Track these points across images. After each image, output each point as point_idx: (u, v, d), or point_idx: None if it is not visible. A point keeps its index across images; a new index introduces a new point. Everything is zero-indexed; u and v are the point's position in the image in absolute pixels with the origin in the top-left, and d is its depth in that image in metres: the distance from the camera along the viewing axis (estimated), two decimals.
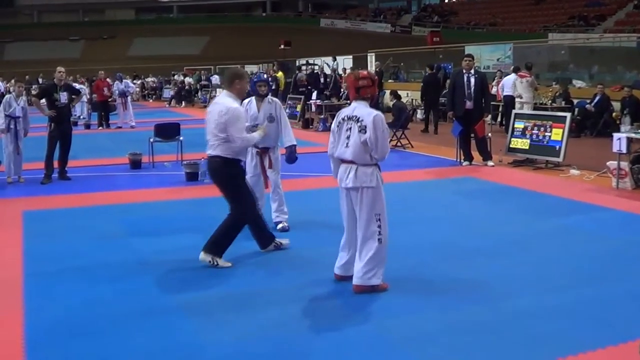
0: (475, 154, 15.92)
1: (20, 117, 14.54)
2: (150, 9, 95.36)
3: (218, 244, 8.31)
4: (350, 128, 7.19)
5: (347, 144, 7.20)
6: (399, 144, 19.33)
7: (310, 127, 26.38)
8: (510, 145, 16.29)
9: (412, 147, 19.28)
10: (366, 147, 7.09)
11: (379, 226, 7.16)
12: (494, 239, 9.42)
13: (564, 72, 30.42)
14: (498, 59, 31.51)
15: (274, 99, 10.31)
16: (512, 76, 22.74)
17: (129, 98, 29.29)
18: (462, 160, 16.08)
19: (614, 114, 21.02)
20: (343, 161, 7.30)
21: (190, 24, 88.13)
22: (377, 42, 54.02)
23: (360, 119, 7.14)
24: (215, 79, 44.61)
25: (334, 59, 39.03)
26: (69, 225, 10.71)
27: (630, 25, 44.76)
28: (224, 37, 77.55)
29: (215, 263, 8.21)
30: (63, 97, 14.70)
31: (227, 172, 8.37)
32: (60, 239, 9.86)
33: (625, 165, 12.84)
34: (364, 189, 7.16)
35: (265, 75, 11.03)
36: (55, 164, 14.78)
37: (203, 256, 8.25)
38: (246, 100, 9.73)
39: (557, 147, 15.13)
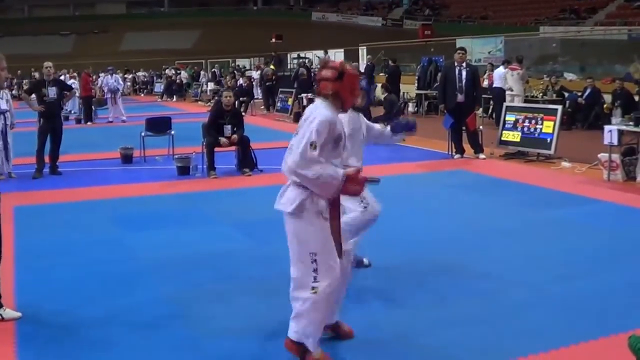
0: (466, 146, 15.93)
1: (7, 110, 14.44)
2: (142, 3, 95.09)
3: None
4: (297, 132, 5.27)
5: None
6: None
7: None
8: (502, 138, 16.30)
9: (404, 140, 19.23)
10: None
11: (315, 270, 5.21)
12: (486, 231, 9.42)
13: (555, 65, 30.44)
14: (489, 52, 31.50)
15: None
16: (502, 68, 22.77)
17: (118, 93, 29.13)
18: (453, 153, 16.08)
19: (605, 107, 21.05)
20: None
21: (181, 18, 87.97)
22: (369, 35, 54.06)
23: (306, 119, 5.24)
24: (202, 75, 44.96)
25: (326, 53, 38.98)
26: (60, 220, 10.69)
27: (621, 18, 44.87)
28: (216, 31, 77.39)
29: None
30: (52, 92, 14.64)
31: None
32: (51, 234, 9.83)
33: (616, 157, 12.86)
34: (287, 216, 5.37)
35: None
36: (46, 159, 14.73)
37: None
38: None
39: (549, 139, 15.15)
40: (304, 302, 5.24)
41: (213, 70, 49.28)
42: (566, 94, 23.32)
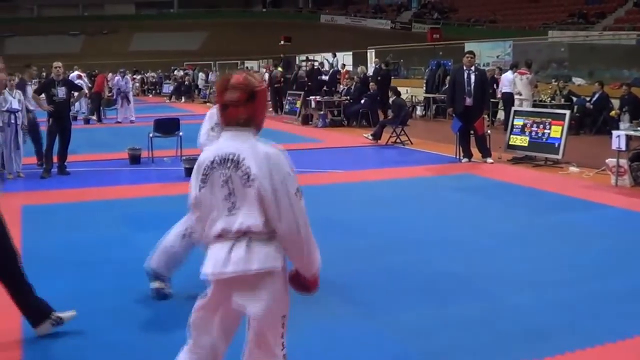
0: (474, 150, 15.92)
1: (19, 109, 14.49)
2: (150, 4, 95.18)
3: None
4: (228, 179, 4.01)
5: (232, 207, 4.01)
6: (398, 140, 19.34)
7: (310, 123, 26.34)
8: (510, 143, 16.29)
9: (412, 143, 19.28)
10: (265, 209, 3.98)
11: (283, 335, 4.12)
12: (493, 235, 9.42)
13: (564, 70, 30.40)
14: (498, 56, 31.47)
15: None
16: (510, 73, 22.76)
17: (130, 94, 29.35)
18: (461, 157, 16.07)
19: (612, 112, 21.00)
20: (221, 236, 4.05)
21: (190, 19, 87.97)
22: (377, 38, 53.92)
23: (239, 158, 4.00)
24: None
25: (334, 55, 39.03)
26: (68, 220, 10.71)
27: (630, 23, 44.74)
28: (224, 33, 77.48)
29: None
30: (61, 92, 14.67)
31: None
32: (59, 233, 9.85)
33: (624, 162, 12.85)
34: (264, 277, 4.00)
35: None
36: (55, 159, 14.76)
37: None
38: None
39: (557, 144, 15.13)
40: None
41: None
42: (574, 99, 23.28)
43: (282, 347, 4.10)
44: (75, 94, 15.82)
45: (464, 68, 15.88)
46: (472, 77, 15.66)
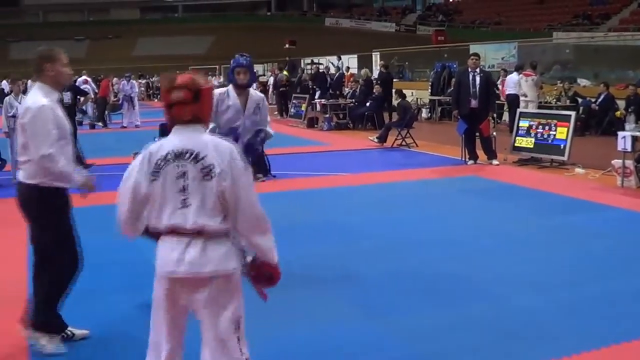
0: (480, 152, 15.92)
1: None
2: (155, 9, 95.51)
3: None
4: (184, 173, 4.06)
5: (185, 201, 4.07)
6: (403, 143, 19.35)
7: (315, 126, 26.37)
8: (515, 144, 16.29)
9: (417, 146, 19.28)
10: (223, 204, 4.06)
11: (241, 338, 4.19)
12: (499, 237, 9.42)
13: (569, 71, 30.38)
14: (503, 58, 31.46)
15: (257, 92, 8.49)
16: (516, 75, 22.76)
17: (135, 99, 29.45)
18: (467, 159, 16.06)
19: (618, 112, 20.98)
20: (174, 232, 4.14)
21: (195, 23, 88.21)
22: (382, 41, 53.95)
23: (198, 155, 4.06)
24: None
25: (339, 58, 39.06)
26: (74, 224, 10.70)
27: (634, 24, 44.66)
28: (229, 37, 77.57)
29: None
30: (66, 97, 14.70)
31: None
32: None
33: (630, 163, 12.83)
34: (218, 279, 4.08)
35: (244, 60, 7.90)
36: None
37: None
38: (220, 90, 7.85)
39: (562, 145, 15.13)
40: None
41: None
42: (580, 100, 23.28)
43: (242, 349, 4.15)
44: (81, 99, 15.85)
45: (469, 70, 15.88)
46: (477, 79, 15.66)
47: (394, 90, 25.30)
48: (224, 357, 4.09)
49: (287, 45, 49.16)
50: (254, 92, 8.22)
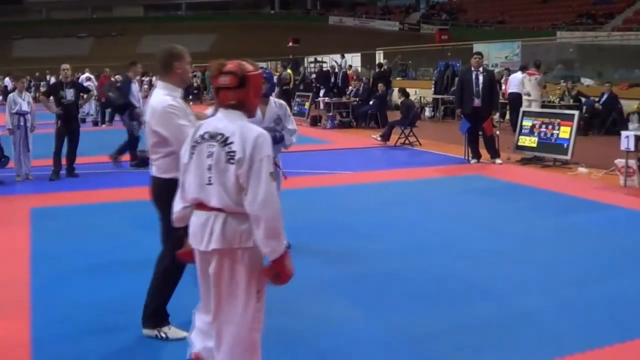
0: (483, 151, 15.91)
1: (29, 112, 14.53)
2: (159, 7, 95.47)
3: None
4: (212, 153, 4.35)
5: (210, 179, 4.35)
6: (406, 141, 19.34)
7: (318, 124, 26.37)
8: (518, 143, 16.28)
9: (420, 144, 19.27)
10: (242, 187, 4.28)
11: (259, 310, 4.48)
12: (502, 236, 9.41)
13: (572, 70, 30.36)
14: (506, 57, 31.43)
15: (280, 101, 8.60)
16: (519, 74, 22.74)
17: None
18: (470, 158, 16.06)
19: (635, 106, 20.79)
20: (200, 207, 4.45)
21: (198, 21, 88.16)
22: (386, 39, 53.93)
23: (227, 140, 4.32)
24: None
25: (342, 57, 39.02)
26: (77, 222, 10.72)
27: (638, 24, 44.69)
28: (232, 35, 77.57)
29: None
30: (69, 94, 14.68)
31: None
32: (67, 236, 9.86)
33: (633, 163, 12.82)
34: (238, 253, 4.35)
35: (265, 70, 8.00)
36: (63, 161, 14.79)
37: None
38: None
39: (565, 145, 15.11)
40: (253, 354, 4.48)
41: None
42: (583, 100, 23.25)
43: (258, 320, 4.44)
44: (84, 96, 15.82)
45: (472, 69, 15.88)
46: (480, 78, 15.66)
47: (397, 89, 25.32)
48: (237, 328, 4.39)
49: (290, 44, 49.24)
50: (276, 101, 8.37)
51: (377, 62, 37.25)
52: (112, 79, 26.70)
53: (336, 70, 35.27)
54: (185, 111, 5.85)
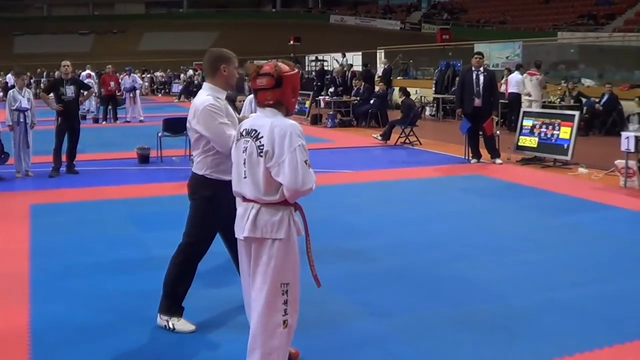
0: (483, 151, 15.91)
1: (29, 108, 14.53)
2: (160, 4, 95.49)
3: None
4: (246, 149, 4.67)
5: (245, 172, 4.69)
6: (407, 141, 19.35)
7: (319, 123, 26.37)
8: (519, 143, 16.27)
9: (421, 144, 19.27)
10: (270, 176, 4.56)
11: (285, 302, 4.66)
12: (502, 236, 9.40)
13: (573, 71, 30.37)
14: (507, 57, 31.40)
15: None
16: (518, 74, 22.76)
17: (137, 92, 29.39)
18: (470, 158, 16.06)
19: None
20: (241, 199, 4.79)
21: (200, 19, 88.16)
22: (387, 39, 53.95)
23: (258, 134, 4.61)
24: None
25: (344, 56, 39.00)
26: (77, 219, 10.72)
27: (639, 25, 44.64)
28: (234, 33, 77.51)
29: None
30: (70, 91, 14.67)
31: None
32: (67, 232, 9.86)
33: (633, 164, 12.82)
34: (268, 243, 4.62)
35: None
36: (63, 158, 14.79)
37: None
38: (251, 97, 8.15)
39: (566, 145, 15.11)
40: (272, 339, 4.67)
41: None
42: (584, 100, 23.25)
43: (284, 312, 4.67)
44: (84, 92, 15.82)
45: (473, 69, 15.88)
46: (481, 78, 15.66)
47: (397, 88, 25.36)
48: (264, 316, 4.65)
49: (291, 42, 49.17)
50: None
51: (378, 61, 37.33)
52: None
53: (345, 68, 35.36)
54: (227, 111, 5.93)
